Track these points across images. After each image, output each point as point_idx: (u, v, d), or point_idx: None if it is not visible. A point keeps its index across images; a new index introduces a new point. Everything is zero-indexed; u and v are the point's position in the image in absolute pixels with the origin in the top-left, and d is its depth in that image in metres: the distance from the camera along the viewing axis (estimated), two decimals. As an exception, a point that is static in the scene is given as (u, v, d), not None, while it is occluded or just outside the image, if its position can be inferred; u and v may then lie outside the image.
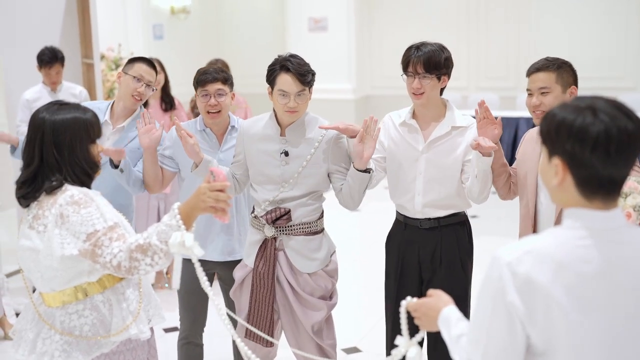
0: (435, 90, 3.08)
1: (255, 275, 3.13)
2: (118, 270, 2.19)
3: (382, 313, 4.87)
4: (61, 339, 2.32)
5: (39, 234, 2.28)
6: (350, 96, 10.30)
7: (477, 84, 10.40)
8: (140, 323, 2.40)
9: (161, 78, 5.40)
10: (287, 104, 2.99)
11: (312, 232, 3.13)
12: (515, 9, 10.16)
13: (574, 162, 1.52)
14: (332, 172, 3.10)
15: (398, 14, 10.64)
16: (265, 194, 3.09)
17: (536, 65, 2.98)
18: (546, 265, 1.51)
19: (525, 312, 1.51)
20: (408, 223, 3.22)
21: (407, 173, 3.15)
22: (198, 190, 2.13)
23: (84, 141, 2.36)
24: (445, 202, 3.14)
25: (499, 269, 1.54)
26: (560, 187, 1.57)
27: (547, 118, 1.58)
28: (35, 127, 2.35)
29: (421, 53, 3.03)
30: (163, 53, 8.96)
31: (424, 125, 3.15)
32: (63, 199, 2.26)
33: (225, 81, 3.38)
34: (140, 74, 3.63)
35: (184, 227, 2.11)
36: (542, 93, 2.93)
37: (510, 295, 1.51)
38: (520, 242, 1.57)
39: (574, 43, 9.87)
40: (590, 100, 1.56)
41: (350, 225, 7.11)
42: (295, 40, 10.27)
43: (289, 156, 3.06)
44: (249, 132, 3.15)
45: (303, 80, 2.98)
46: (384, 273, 3.37)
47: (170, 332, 4.75)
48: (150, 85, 3.67)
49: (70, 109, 2.39)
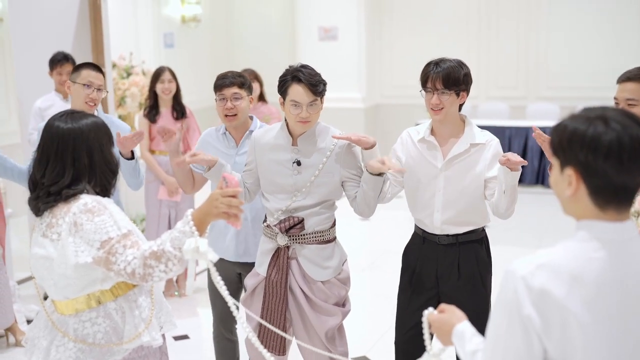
0: (454, 106, 3.07)
1: (267, 283, 3.13)
2: (132, 277, 2.20)
3: (391, 322, 4.87)
4: (75, 347, 2.33)
5: (52, 242, 2.29)
6: (360, 105, 10.32)
7: (487, 93, 10.40)
8: (152, 330, 2.41)
9: (173, 87, 5.44)
10: (299, 114, 3.00)
11: (325, 241, 3.14)
12: (525, 18, 10.16)
13: (587, 172, 1.53)
14: (345, 180, 3.11)
15: (408, 23, 10.66)
16: (277, 203, 3.11)
17: (628, 74, 2.87)
18: (561, 278, 1.51)
19: (542, 326, 1.50)
20: (426, 238, 3.21)
21: (426, 190, 3.15)
22: (211, 196, 2.15)
23: (109, 143, 2.42)
24: (463, 219, 3.13)
25: (513, 283, 1.53)
26: (573, 198, 1.57)
27: (558, 130, 1.59)
28: (64, 138, 2.35)
29: (440, 69, 3.03)
30: (174, 61, 9.01)
31: (442, 142, 3.14)
32: (77, 207, 2.27)
33: (241, 85, 3.47)
34: (88, 80, 3.71)
35: (197, 234, 2.12)
36: (629, 105, 2.81)
37: (526, 309, 1.51)
38: (534, 256, 1.57)
39: (585, 52, 9.86)
40: (600, 110, 1.57)
41: (359, 234, 7.11)
42: (305, 50, 10.30)
43: (301, 165, 3.07)
44: (261, 142, 3.16)
45: (315, 91, 3.00)
46: (393, 282, 3.37)
47: (180, 340, 4.76)
48: (100, 89, 3.73)
49: (83, 116, 2.42)
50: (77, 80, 3.73)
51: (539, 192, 8.68)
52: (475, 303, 3.13)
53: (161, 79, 5.44)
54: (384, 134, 10.52)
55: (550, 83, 10.21)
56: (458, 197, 3.10)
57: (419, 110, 10.27)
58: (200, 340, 4.69)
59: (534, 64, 10.26)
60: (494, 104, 10.19)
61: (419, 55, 10.56)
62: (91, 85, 3.70)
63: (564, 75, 10.04)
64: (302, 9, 10.32)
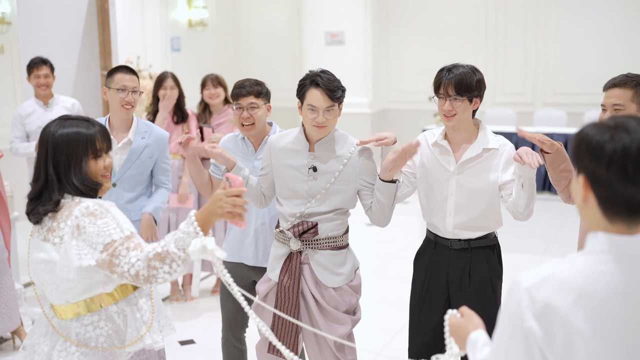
0: (467, 112, 3.06)
1: (279, 289, 3.12)
2: (136, 279, 2.19)
3: (399, 327, 4.86)
4: (77, 351, 2.32)
5: (54, 246, 2.29)
6: (367, 110, 10.32)
7: (494, 100, 10.38)
8: (154, 333, 2.42)
9: (175, 93, 5.43)
10: (315, 118, 3.00)
11: (338, 247, 3.13)
12: (532, 25, 10.15)
13: (594, 180, 1.50)
14: (361, 188, 3.10)
15: (415, 28, 10.66)
16: (291, 209, 3.10)
17: (614, 81, 2.92)
18: (566, 291, 1.48)
19: (544, 338, 1.48)
20: (438, 242, 3.20)
21: (439, 193, 3.14)
22: (214, 196, 2.14)
23: (81, 157, 2.33)
24: (476, 223, 3.11)
25: (518, 294, 1.52)
26: (584, 205, 1.55)
27: (575, 135, 1.57)
28: (42, 142, 2.35)
29: (452, 75, 3.02)
30: (180, 65, 9.03)
31: (455, 146, 3.13)
32: (78, 211, 2.26)
33: (258, 95, 3.46)
34: (122, 84, 3.72)
35: (202, 233, 2.11)
36: (615, 110, 2.86)
37: (528, 320, 1.49)
38: (541, 268, 1.55)
39: (592, 59, 9.85)
40: (622, 119, 1.52)
41: (365, 240, 7.09)
42: (311, 54, 10.30)
43: (317, 172, 3.06)
44: (277, 146, 3.16)
45: (332, 96, 2.99)
46: (399, 289, 3.36)
47: (186, 345, 4.75)
48: (135, 91, 3.74)
49: (75, 123, 2.37)
50: (111, 86, 3.74)
51: (546, 198, 8.65)
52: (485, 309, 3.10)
53: (163, 86, 5.42)
54: (390, 139, 10.50)
55: (557, 89, 10.19)
56: (470, 201, 3.09)
57: (426, 116, 10.28)
58: (206, 345, 4.67)
59: (541, 70, 10.24)
60: (501, 110, 10.17)
61: (426, 60, 10.61)
62: (125, 89, 3.72)
63: (571, 81, 10.02)
64: (308, 13, 10.33)
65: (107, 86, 3.80)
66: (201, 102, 5.78)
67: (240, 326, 3.63)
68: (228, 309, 3.58)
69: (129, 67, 3.89)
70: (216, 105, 5.69)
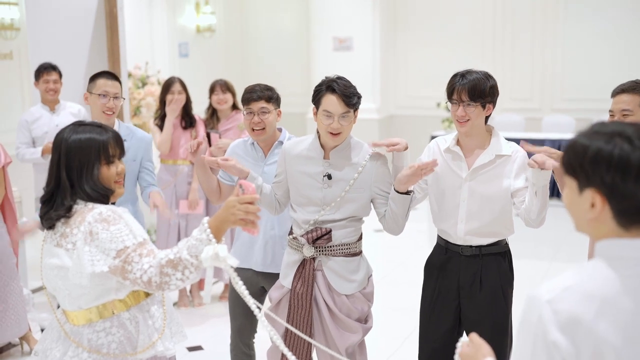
0: (480, 118, 3.05)
1: (292, 296, 3.11)
2: (149, 286, 2.19)
3: (406, 334, 4.84)
4: (89, 357, 2.32)
5: (67, 252, 2.29)
6: (375, 116, 10.30)
7: (502, 105, 10.34)
8: (165, 340, 2.42)
9: (183, 98, 5.43)
10: (330, 124, 2.99)
11: (352, 254, 3.12)
12: (540, 31, 10.13)
13: (613, 194, 1.47)
14: (375, 197, 3.09)
15: (423, 34, 10.64)
16: (305, 215, 3.09)
17: (622, 87, 2.94)
18: (589, 301, 1.45)
19: (570, 352, 1.45)
20: (449, 248, 3.19)
21: (450, 199, 3.13)
22: (227, 203, 2.14)
23: (94, 163, 2.33)
24: (487, 230, 3.10)
25: (538, 308, 1.48)
26: (595, 220, 1.51)
27: (576, 149, 1.51)
28: (55, 147, 2.37)
29: (466, 81, 3.02)
30: (188, 71, 9.04)
31: (467, 152, 3.12)
32: (91, 217, 2.26)
33: (269, 99, 3.46)
34: (104, 90, 3.72)
35: (215, 240, 2.11)
36: (624, 115, 2.88)
37: (552, 334, 1.45)
38: (558, 279, 1.51)
39: (600, 64, 9.81)
40: (617, 126, 1.50)
41: (375, 246, 7.07)
42: (319, 60, 10.30)
43: (331, 179, 3.05)
44: (292, 153, 3.15)
45: (348, 102, 2.99)
46: (407, 295, 3.35)
47: (194, 351, 4.74)
48: (117, 97, 3.74)
49: (88, 129, 2.38)
50: (92, 91, 3.76)
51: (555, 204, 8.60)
52: (495, 316, 3.11)
53: (171, 90, 5.43)
54: (398, 145, 10.48)
55: (565, 95, 10.16)
56: (482, 207, 3.08)
57: (434, 122, 10.26)
58: (214, 352, 4.67)
59: (549, 76, 10.22)
60: (509, 116, 10.14)
61: (434, 66, 10.59)
62: (107, 95, 3.72)
63: (579, 87, 9.99)
64: (316, 19, 10.33)
65: (88, 91, 3.79)
66: (209, 107, 5.78)
67: (249, 332, 3.63)
68: (237, 315, 3.58)
69: (112, 72, 3.90)
70: (224, 110, 5.69)
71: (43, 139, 5.29)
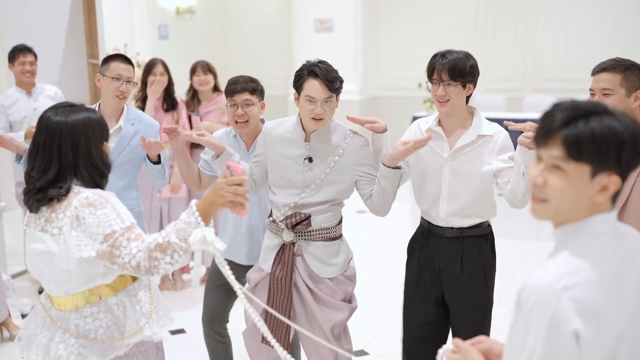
0: (461, 98, 3.04)
1: (272, 280, 3.09)
2: (137, 270, 2.17)
3: (389, 316, 4.85)
4: (76, 343, 2.30)
5: (53, 237, 2.26)
6: (357, 97, 10.28)
7: (484, 86, 10.36)
8: (153, 324, 2.41)
9: (165, 79, 5.38)
10: (313, 110, 2.95)
11: (331, 238, 3.11)
12: (522, 11, 10.13)
13: (626, 172, 1.46)
14: (359, 178, 3.07)
15: (405, 15, 10.61)
16: (285, 198, 3.07)
17: (602, 65, 2.92)
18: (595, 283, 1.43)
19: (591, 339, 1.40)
20: (431, 230, 3.19)
21: (432, 180, 3.12)
22: (215, 185, 2.13)
23: (98, 141, 2.36)
24: (469, 211, 3.09)
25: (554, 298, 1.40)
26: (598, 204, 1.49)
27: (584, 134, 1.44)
28: (51, 131, 2.32)
29: (446, 60, 3.00)
30: (168, 53, 8.95)
31: (449, 133, 3.11)
32: (77, 201, 2.24)
33: (253, 91, 3.42)
34: (117, 73, 3.66)
35: (203, 224, 2.10)
36: (604, 94, 2.88)
37: (573, 323, 1.39)
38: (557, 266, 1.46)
39: (581, 44, 9.85)
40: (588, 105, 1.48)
41: (356, 227, 7.08)
42: (301, 41, 10.25)
43: (312, 162, 3.03)
44: (273, 134, 3.12)
45: (331, 87, 2.95)
46: (391, 276, 3.35)
47: (176, 335, 4.73)
48: (130, 81, 3.69)
49: (79, 110, 2.37)
50: (105, 73, 3.68)
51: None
52: (477, 297, 3.11)
53: (153, 72, 5.37)
54: (380, 126, 10.47)
55: (546, 75, 10.19)
56: (464, 188, 3.07)
57: (416, 103, 10.25)
58: (196, 334, 4.64)
59: (530, 56, 10.24)
60: (491, 96, 10.16)
61: (416, 47, 10.56)
62: (120, 78, 3.66)
63: (561, 67, 10.02)
64: (298, 0, 10.26)
65: (101, 73, 3.73)
66: (190, 89, 5.73)
67: (221, 321, 3.61)
68: (210, 303, 3.57)
69: (126, 56, 3.83)
70: (205, 92, 5.65)
71: (22, 124, 5.21)
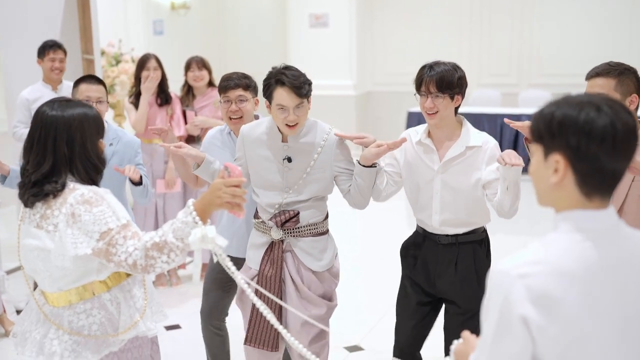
0: (449, 109, 3.04)
1: (261, 279, 3.09)
2: (134, 268, 2.18)
3: (383, 311, 4.86)
4: (70, 339, 2.30)
5: (48, 234, 2.26)
6: (351, 92, 10.27)
7: (479, 81, 10.37)
8: (147, 320, 2.41)
9: (159, 74, 5.37)
10: (286, 117, 2.95)
11: (319, 233, 3.12)
12: (517, 6, 10.13)
13: (578, 157, 1.49)
14: (337, 174, 3.08)
15: (400, 10, 10.60)
16: (269, 199, 3.07)
17: (596, 70, 2.91)
18: (558, 275, 1.47)
19: (540, 326, 1.45)
20: (427, 237, 3.21)
21: (424, 192, 3.14)
22: (213, 186, 2.13)
23: (94, 136, 2.36)
24: (462, 220, 3.11)
25: (508, 284, 1.47)
26: (558, 186, 1.53)
27: (544, 116, 1.54)
28: (47, 125, 2.32)
29: (434, 72, 3.00)
30: (163, 49, 8.93)
31: (439, 144, 3.11)
32: (73, 198, 2.23)
33: (247, 87, 3.44)
34: (86, 95, 3.62)
35: (201, 223, 2.11)
36: None
37: (522, 308, 1.45)
38: (522, 254, 1.52)
39: (576, 40, 9.86)
40: (586, 96, 1.54)
41: (350, 224, 7.09)
42: (296, 37, 10.24)
43: (291, 162, 3.04)
44: (250, 137, 3.12)
45: (300, 93, 2.94)
46: (384, 272, 3.36)
47: (172, 330, 4.73)
48: (101, 101, 3.63)
49: (75, 105, 2.38)
50: (76, 96, 3.67)
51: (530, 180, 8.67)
52: (470, 300, 3.12)
53: (147, 67, 5.36)
54: (375, 121, 10.47)
55: (542, 70, 10.20)
56: (455, 199, 3.08)
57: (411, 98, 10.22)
58: (192, 330, 4.66)
59: (526, 51, 10.24)
60: (486, 92, 10.16)
61: (411, 42, 10.56)
62: (89, 100, 3.63)
63: (556, 62, 10.03)
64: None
65: (72, 96, 3.71)
66: (184, 84, 5.73)
67: (220, 315, 3.62)
68: (210, 296, 3.58)
69: (96, 76, 3.80)
70: (200, 87, 5.64)
71: None
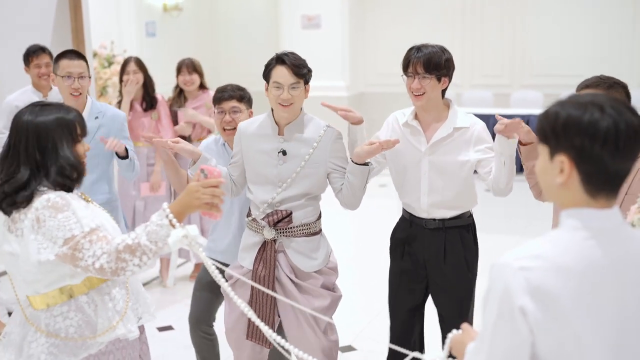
0: (436, 91, 3.06)
1: (254, 278, 3.09)
2: (101, 272, 2.15)
3: (376, 311, 4.87)
4: (47, 342, 2.28)
5: (17, 238, 2.24)
6: (344, 93, 10.27)
7: (471, 82, 10.39)
8: (128, 322, 2.37)
9: (139, 77, 5.30)
10: (280, 95, 2.97)
11: (312, 233, 3.12)
12: (510, 7, 10.15)
13: (582, 158, 1.50)
14: (331, 171, 3.08)
15: (392, 10, 10.61)
16: (262, 195, 3.07)
17: (586, 82, 2.93)
18: (556, 271, 1.48)
19: (537, 318, 1.47)
20: (413, 222, 3.22)
21: (412, 174, 3.15)
22: (189, 188, 2.12)
23: (68, 142, 2.30)
24: (450, 203, 3.13)
25: (508, 275, 1.49)
26: (564, 186, 1.54)
27: (549, 117, 1.55)
28: (19, 130, 2.29)
29: (421, 54, 3.03)
30: (155, 50, 8.93)
31: (426, 126, 3.13)
32: (39, 203, 2.21)
33: (241, 99, 3.47)
34: (67, 71, 3.63)
35: (179, 225, 2.09)
36: None
37: (520, 299, 1.47)
38: (524, 248, 1.54)
39: (569, 41, 9.88)
40: (590, 97, 1.55)
41: (343, 224, 7.09)
42: (288, 38, 10.24)
43: (286, 155, 3.04)
44: (247, 132, 3.13)
45: (297, 72, 2.98)
46: (377, 271, 3.37)
47: (164, 331, 4.72)
48: (83, 76, 3.64)
49: (52, 109, 2.33)
50: (57, 72, 3.67)
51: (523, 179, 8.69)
52: (461, 287, 3.15)
53: (126, 70, 5.31)
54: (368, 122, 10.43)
55: (534, 71, 10.22)
56: (443, 180, 3.10)
57: (404, 99, 10.23)
58: (184, 331, 4.65)
59: (518, 52, 10.26)
60: (478, 92, 10.18)
61: (403, 43, 10.45)
62: (71, 75, 3.63)
63: (548, 63, 10.05)
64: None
65: (54, 73, 3.70)
66: (176, 86, 5.72)
67: (208, 320, 3.61)
68: (198, 302, 3.57)
69: (76, 51, 3.77)
70: (192, 91, 5.64)
71: None
